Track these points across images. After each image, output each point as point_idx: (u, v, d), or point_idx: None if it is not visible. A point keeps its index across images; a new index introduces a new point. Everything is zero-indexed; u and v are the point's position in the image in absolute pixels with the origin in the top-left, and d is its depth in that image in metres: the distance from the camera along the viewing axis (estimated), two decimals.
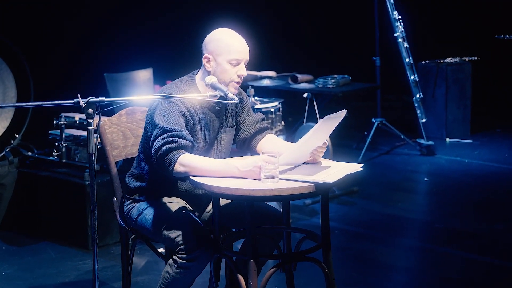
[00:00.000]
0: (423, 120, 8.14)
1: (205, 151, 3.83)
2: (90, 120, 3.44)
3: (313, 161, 3.77)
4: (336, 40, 9.77)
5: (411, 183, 7.15)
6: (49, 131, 5.93)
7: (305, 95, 6.85)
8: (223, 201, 3.88)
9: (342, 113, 3.66)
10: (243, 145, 4.00)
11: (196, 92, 3.81)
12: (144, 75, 6.89)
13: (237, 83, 3.81)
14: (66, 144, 5.74)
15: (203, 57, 3.82)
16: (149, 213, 3.84)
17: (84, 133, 5.78)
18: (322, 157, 3.82)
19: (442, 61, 8.84)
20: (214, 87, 3.75)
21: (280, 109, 6.31)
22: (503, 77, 10.24)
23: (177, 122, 3.66)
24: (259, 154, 3.90)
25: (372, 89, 7.97)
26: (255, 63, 5.92)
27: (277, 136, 4.64)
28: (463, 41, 9.85)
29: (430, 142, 8.08)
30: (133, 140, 4.24)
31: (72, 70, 7.32)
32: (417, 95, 8.14)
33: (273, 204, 3.99)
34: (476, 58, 8.99)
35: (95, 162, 3.48)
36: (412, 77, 8.11)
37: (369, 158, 7.76)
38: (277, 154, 3.49)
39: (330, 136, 3.77)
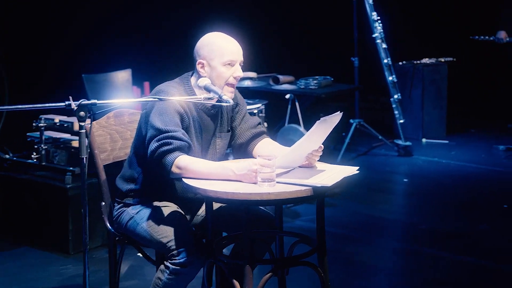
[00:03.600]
0: (401, 121, 8.12)
1: (200, 155, 3.77)
2: (82, 124, 3.36)
3: (309, 165, 3.72)
4: (315, 40, 9.72)
5: (391, 184, 7.14)
6: (27, 133, 5.81)
7: (287, 96, 6.80)
8: (214, 205, 3.81)
9: (338, 115, 3.62)
10: (239, 150, 3.94)
11: (193, 95, 3.74)
12: (123, 76, 6.78)
13: (233, 85, 3.75)
14: (45, 147, 5.63)
15: (196, 63, 3.75)
16: (140, 218, 3.76)
17: (64, 135, 5.69)
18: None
19: (418, 62, 8.85)
20: (208, 89, 3.69)
21: (263, 110, 6.26)
22: (476, 78, 10.29)
23: (173, 121, 3.59)
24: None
25: (354, 90, 7.95)
26: None
27: None
28: (438, 42, 9.87)
29: (408, 143, 8.07)
30: (121, 143, 4.16)
31: (49, 70, 7.21)
32: (395, 96, 8.13)
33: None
34: (452, 59, 9.01)
35: (82, 166, 3.39)
36: (390, 78, 8.10)
37: (348, 159, 7.73)
38: (273, 157, 3.44)
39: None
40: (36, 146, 5.66)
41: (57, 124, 5.69)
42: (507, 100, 9.45)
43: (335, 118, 3.61)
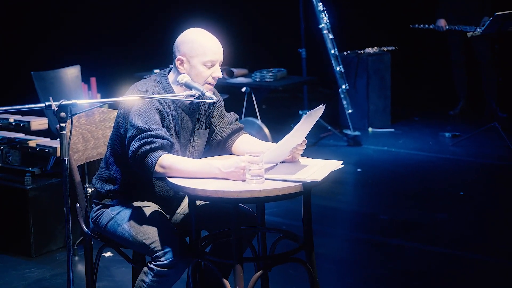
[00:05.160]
0: (350, 111, 8.15)
1: (179, 153, 3.69)
2: (63, 125, 3.27)
3: (292, 159, 3.69)
4: (262, 32, 9.69)
5: (345, 174, 7.12)
6: None
7: (244, 89, 6.75)
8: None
9: (321, 108, 3.60)
10: (218, 147, 3.87)
11: (171, 93, 3.67)
12: (72, 72, 6.63)
13: (211, 84, 3.69)
14: (1, 148, 5.46)
15: (175, 59, 3.67)
16: (121, 219, 3.67)
17: (19, 135, 5.52)
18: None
19: (362, 51, 8.88)
20: (188, 87, 3.62)
21: None
22: (417, 67, 10.41)
23: (153, 120, 3.52)
24: (233, 154, 3.83)
25: (309, 82, 7.94)
26: None
27: None
28: (379, 31, 9.94)
29: (357, 133, 8.11)
30: (93, 142, 4.06)
31: None
32: (343, 86, 8.15)
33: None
34: (394, 48, 9.07)
35: (63, 168, 3.29)
36: (338, 68, 8.11)
37: None
38: (261, 154, 3.39)
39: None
40: None
41: (13, 123, 5.52)
42: (447, 88, 9.57)
43: (319, 111, 3.59)
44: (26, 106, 3.32)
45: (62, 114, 3.25)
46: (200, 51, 3.63)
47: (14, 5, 7.20)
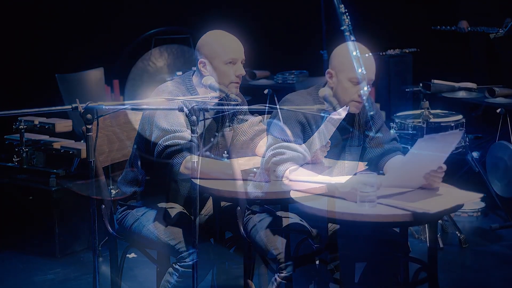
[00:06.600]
0: (371, 113, 8.13)
1: (203, 154, 3.72)
2: (89, 126, 3.30)
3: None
4: (284, 33, 9.70)
5: None
6: (5, 136, 5.69)
7: (266, 91, 6.76)
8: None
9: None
10: (241, 148, 3.90)
11: (196, 95, 3.70)
12: (96, 74, 6.69)
13: (237, 83, 3.71)
14: (27, 149, 5.51)
15: (198, 62, 3.71)
16: (146, 220, 3.71)
17: (43, 137, 5.60)
18: None
19: (384, 53, 8.86)
20: (213, 88, 3.64)
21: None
22: (439, 68, 10.37)
23: (178, 122, 3.55)
24: (256, 155, 3.85)
25: None
26: None
27: None
28: (400, 33, 9.92)
29: (379, 134, 8.08)
30: (118, 144, 4.11)
31: (21, 71, 7.08)
32: (365, 88, 8.13)
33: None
34: (415, 49, 9.05)
35: (90, 169, 3.33)
36: (360, 70, 8.10)
37: None
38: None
39: None
40: (16, 149, 5.54)
41: (37, 126, 5.58)
42: (469, 90, 9.53)
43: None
44: (54, 108, 3.37)
45: (89, 116, 3.28)
46: (221, 51, 3.67)
47: (38, 8, 7.26)
